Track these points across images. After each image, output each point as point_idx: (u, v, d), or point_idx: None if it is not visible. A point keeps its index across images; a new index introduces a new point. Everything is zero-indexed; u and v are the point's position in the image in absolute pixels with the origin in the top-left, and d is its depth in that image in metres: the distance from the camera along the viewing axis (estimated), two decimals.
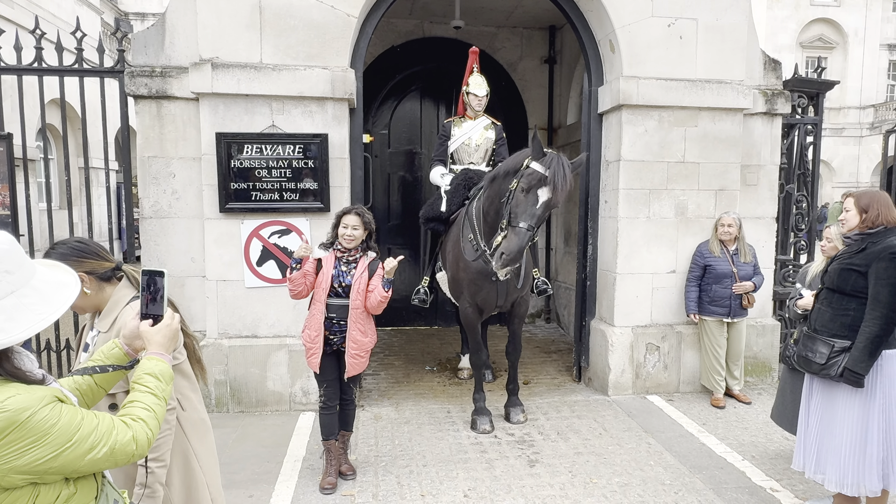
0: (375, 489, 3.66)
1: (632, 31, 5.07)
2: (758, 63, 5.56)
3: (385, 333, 7.44)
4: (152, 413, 1.51)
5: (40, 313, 1.36)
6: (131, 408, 1.51)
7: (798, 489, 3.69)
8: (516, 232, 3.73)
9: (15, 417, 1.24)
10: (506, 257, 3.72)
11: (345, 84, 4.73)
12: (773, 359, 5.62)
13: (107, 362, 1.68)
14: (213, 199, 4.71)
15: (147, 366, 1.59)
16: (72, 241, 2.00)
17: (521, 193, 3.78)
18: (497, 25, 7.83)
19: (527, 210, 3.73)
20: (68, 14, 11.35)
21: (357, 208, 3.58)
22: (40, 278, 1.41)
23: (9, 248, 1.35)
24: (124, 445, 1.41)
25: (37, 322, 1.34)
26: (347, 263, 3.57)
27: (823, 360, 3.03)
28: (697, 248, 5.16)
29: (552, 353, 6.76)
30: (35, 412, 1.27)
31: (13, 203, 4.83)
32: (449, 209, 4.90)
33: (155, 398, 1.54)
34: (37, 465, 1.28)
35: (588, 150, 5.51)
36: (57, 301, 1.41)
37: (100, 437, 1.37)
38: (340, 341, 3.59)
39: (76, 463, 1.34)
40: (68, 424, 1.32)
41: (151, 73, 4.70)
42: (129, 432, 1.43)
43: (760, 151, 5.62)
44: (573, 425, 4.66)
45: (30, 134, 5.44)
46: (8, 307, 1.31)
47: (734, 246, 5.06)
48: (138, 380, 1.57)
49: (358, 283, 3.54)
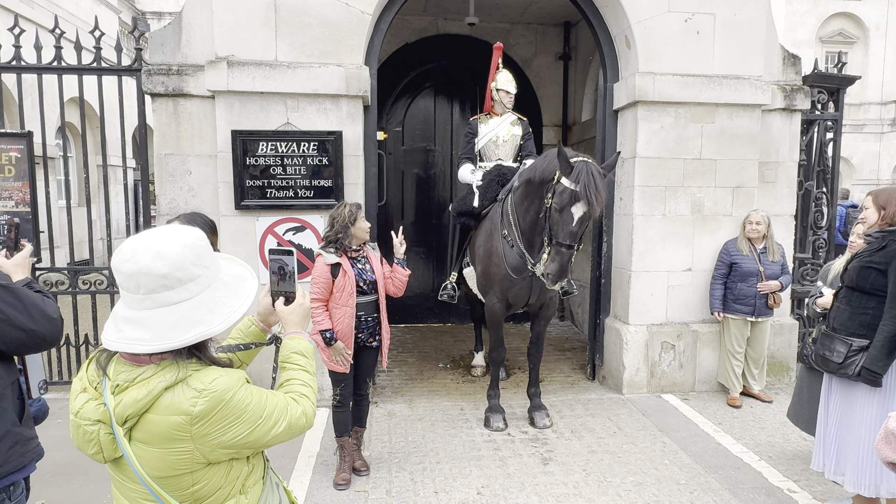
0: (389, 485, 3.67)
1: (648, 27, 5.02)
2: (776, 58, 5.48)
3: (398, 330, 7.46)
4: (310, 388, 1.61)
5: (231, 305, 1.45)
6: (291, 385, 1.60)
7: (816, 490, 3.64)
8: (558, 251, 3.79)
9: (221, 397, 1.36)
10: (552, 276, 3.81)
11: (359, 81, 4.74)
12: (790, 358, 5.55)
13: (247, 340, 1.76)
14: (229, 196, 4.74)
15: (292, 345, 1.66)
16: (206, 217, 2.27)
17: (555, 213, 3.78)
18: (511, 22, 7.79)
19: (563, 229, 3.76)
20: (87, 13, 11.50)
21: (361, 207, 3.64)
22: (225, 272, 1.50)
23: (205, 244, 1.44)
24: (297, 419, 1.51)
25: (230, 315, 1.43)
26: (360, 261, 3.61)
27: (841, 360, 2.99)
28: (724, 246, 5.11)
29: (566, 351, 6.73)
30: (235, 392, 1.39)
31: (33, 200, 4.91)
32: (481, 204, 4.89)
33: (308, 374, 1.64)
34: (237, 441, 1.40)
35: (603, 148, 5.48)
36: (242, 294, 1.49)
37: (280, 413, 1.48)
38: (367, 337, 3.66)
39: (264, 437, 1.45)
40: (258, 403, 1.44)
41: (168, 72, 4.74)
42: (298, 408, 1.53)
43: (779, 148, 5.55)
44: (587, 424, 4.64)
45: (51, 132, 5.52)
46: (207, 300, 1.40)
47: (762, 244, 4.99)
48: (287, 359, 1.64)
49: (381, 278, 3.63)
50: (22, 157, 4.87)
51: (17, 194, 4.86)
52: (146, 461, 1.36)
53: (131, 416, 1.34)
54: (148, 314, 1.34)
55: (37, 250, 4.94)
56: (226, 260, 1.58)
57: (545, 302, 4.62)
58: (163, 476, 1.38)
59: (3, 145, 4.83)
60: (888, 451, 1.47)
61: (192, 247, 1.39)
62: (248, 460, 1.53)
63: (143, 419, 1.34)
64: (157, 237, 1.38)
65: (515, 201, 4.37)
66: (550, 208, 3.82)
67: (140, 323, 1.34)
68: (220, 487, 1.45)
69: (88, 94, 4.98)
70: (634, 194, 5.14)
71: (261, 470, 1.59)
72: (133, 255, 1.34)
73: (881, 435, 1.49)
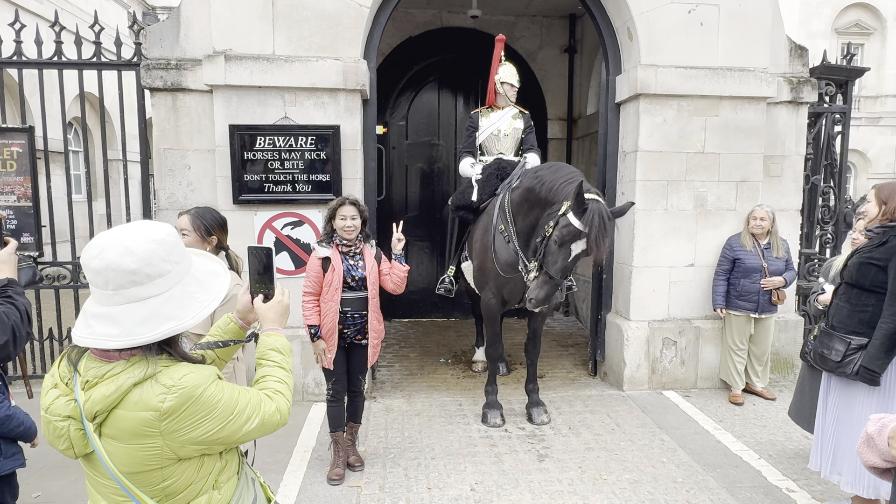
0: (382, 481, 3.66)
1: (650, 18, 4.94)
2: (783, 50, 5.38)
3: (402, 325, 7.46)
4: (285, 385, 1.61)
5: (202, 301, 1.45)
6: (266, 382, 1.60)
7: (815, 490, 3.58)
8: (547, 281, 3.69)
9: (191, 393, 1.37)
10: (535, 301, 3.74)
11: (357, 75, 4.71)
12: (795, 355, 5.46)
13: (226, 337, 1.76)
14: (227, 190, 4.75)
15: (269, 342, 1.66)
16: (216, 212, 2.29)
17: (554, 245, 3.63)
18: (516, 14, 7.72)
19: (558, 263, 3.64)
20: (95, 8, 11.56)
21: (350, 197, 3.55)
22: (197, 267, 1.50)
23: (175, 240, 1.44)
24: (270, 416, 1.51)
25: (201, 310, 1.43)
26: (353, 256, 3.55)
27: (839, 358, 2.93)
28: (727, 241, 5.03)
29: (569, 347, 6.69)
30: (206, 388, 1.40)
31: (35, 194, 4.94)
32: (480, 198, 4.84)
33: (283, 371, 1.64)
34: (207, 437, 1.41)
35: (605, 142, 5.42)
36: (214, 289, 1.50)
37: (252, 409, 1.48)
38: (354, 334, 3.61)
39: (236, 434, 1.45)
40: (230, 399, 1.44)
41: (167, 66, 4.75)
42: (272, 404, 1.53)
43: (785, 141, 5.45)
44: (585, 420, 4.61)
45: (56, 127, 5.55)
46: (178, 296, 1.40)
47: (766, 240, 4.91)
48: (264, 356, 1.65)
49: (372, 275, 3.56)
50: (23, 152, 4.91)
51: (18, 189, 4.90)
52: (116, 457, 1.37)
53: (100, 412, 1.35)
54: (117, 310, 1.34)
55: (39, 244, 4.98)
56: (198, 255, 1.59)
57: None
58: (133, 472, 1.39)
59: (4, 140, 4.87)
60: (869, 454, 1.43)
61: (161, 242, 1.38)
62: (221, 456, 1.53)
63: (113, 415, 1.35)
64: (125, 233, 1.38)
65: (514, 200, 4.26)
66: (550, 238, 3.65)
67: (109, 319, 1.34)
68: (192, 483, 1.45)
69: (93, 89, 5.00)
70: (636, 188, 5.07)
71: (235, 465, 1.59)
72: (101, 250, 1.34)
73: (862, 438, 1.45)
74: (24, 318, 1.88)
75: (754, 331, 4.99)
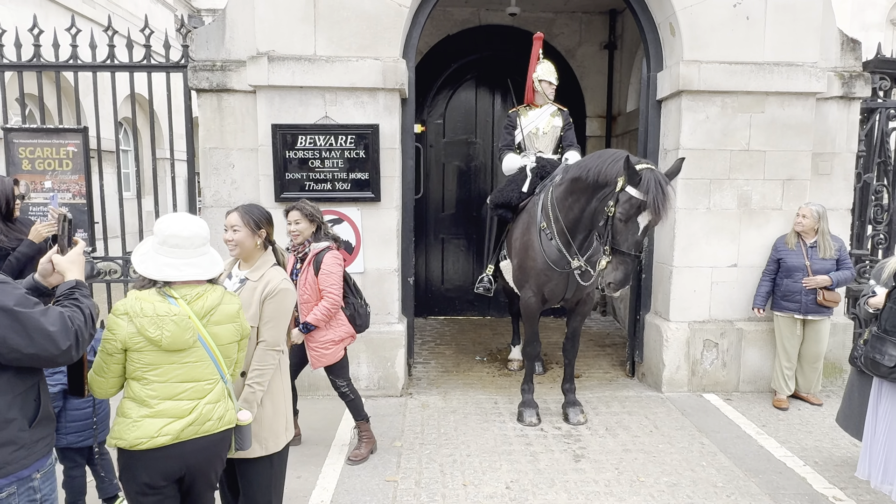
0: (419, 476, 3.70)
1: (694, 13, 4.84)
2: (834, 43, 5.19)
3: (437, 322, 7.49)
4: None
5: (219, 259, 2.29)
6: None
7: (864, 499, 3.46)
8: (622, 260, 3.69)
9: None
10: (616, 285, 3.72)
11: (396, 74, 4.76)
12: (844, 359, 5.27)
13: None
14: (269, 188, 4.86)
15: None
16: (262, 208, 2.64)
17: (620, 222, 3.66)
18: (555, 11, 7.66)
19: (628, 238, 3.66)
20: (144, 12, 11.94)
21: (298, 203, 3.62)
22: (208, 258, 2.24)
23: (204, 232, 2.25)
24: None
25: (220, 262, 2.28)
26: (302, 261, 3.65)
27: (893, 363, 2.83)
28: (775, 242, 4.91)
29: (606, 347, 6.61)
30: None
31: (88, 192, 5.16)
32: (531, 190, 4.83)
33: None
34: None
35: (646, 139, 5.33)
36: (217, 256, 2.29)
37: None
38: None
39: None
40: None
41: (212, 68, 4.88)
42: None
43: (835, 138, 5.26)
44: (623, 421, 4.55)
45: (109, 127, 5.78)
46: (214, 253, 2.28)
47: (812, 239, 4.75)
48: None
49: (304, 275, 3.60)
50: (78, 152, 5.12)
51: (73, 187, 5.12)
52: (218, 336, 2.18)
53: (212, 309, 2.17)
54: (197, 260, 2.19)
55: (91, 240, 5.19)
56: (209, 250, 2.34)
57: (582, 298, 4.54)
58: (225, 343, 2.21)
59: (61, 140, 5.09)
60: None
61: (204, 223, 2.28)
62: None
63: (218, 309, 2.19)
64: (188, 216, 2.22)
65: (558, 196, 4.26)
66: (614, 217, 3.68)
67: (195, 265, 2.18)
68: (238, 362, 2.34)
69: (142, 90, 5.19)
70: (677, 187, 4.95)
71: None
72: (186, 225, 2.17)
73: None
74: (89, 321, 1.92)
75: (805, 333, 4.83)
